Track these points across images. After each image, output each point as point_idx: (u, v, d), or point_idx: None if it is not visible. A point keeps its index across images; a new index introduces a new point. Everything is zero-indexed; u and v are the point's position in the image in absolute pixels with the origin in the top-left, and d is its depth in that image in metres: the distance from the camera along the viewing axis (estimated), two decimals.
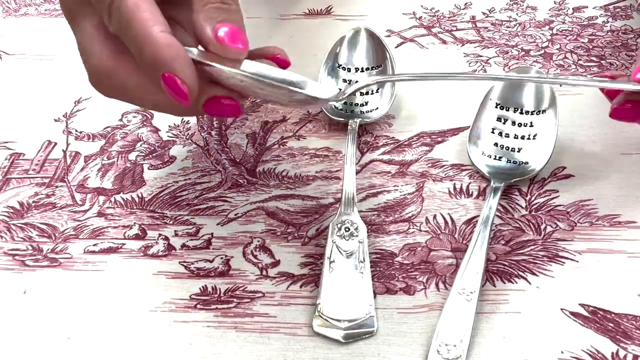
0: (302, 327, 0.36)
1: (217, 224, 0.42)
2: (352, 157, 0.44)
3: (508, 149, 0.44)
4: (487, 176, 0.43)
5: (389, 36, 0.56)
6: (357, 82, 0.38)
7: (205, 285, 0.39)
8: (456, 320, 0.35)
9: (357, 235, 0.40)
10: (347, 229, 0.40)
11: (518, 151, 0.44)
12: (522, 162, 0.44)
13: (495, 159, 0.44)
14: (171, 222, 0.42)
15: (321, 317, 0.36)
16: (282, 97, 0.35)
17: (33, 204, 0.44)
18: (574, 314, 0.36)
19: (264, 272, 0.39)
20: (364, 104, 0.48)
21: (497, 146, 0.44)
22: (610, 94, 0.39)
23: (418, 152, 0.46)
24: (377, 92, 0.49)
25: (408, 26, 0.58)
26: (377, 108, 0.48)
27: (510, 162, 0.44)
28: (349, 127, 0.46)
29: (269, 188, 0.44)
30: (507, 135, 0.44)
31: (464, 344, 0.34)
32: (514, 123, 0.44)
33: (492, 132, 0.45)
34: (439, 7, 0.59)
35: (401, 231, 0.41)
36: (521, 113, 0.44)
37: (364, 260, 0.38)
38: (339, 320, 0.36)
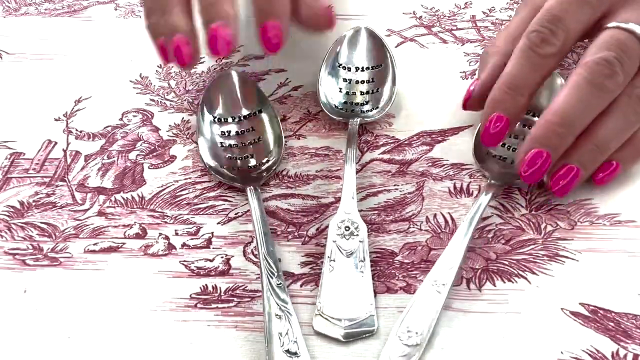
0: (302, 326, 0.36)
1: (218, 223, 0.42)
2: (352, 156, 0.44)
3: (509, 149, 0.44)
4: (488, 175, 0.43)
5: (389, 35, 0.56)
6: None
7: (206, 285, 0.39)
8: (423, 310, 0.35)
9: (357, 235, 0.40)
10: (347, 228, 0.40)
11: None
12: None
13: (499, 158, 0.44)
14: (171, 222, 0.42)
15: (321, 316, 0.36)
16: None
17: (33, 204, 0.44)
18: (574, 313, 0.36)
19: None
20: (364, 103, 0.48)
21: (503, 146, 0.44)
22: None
23: (418, 152, 0.46)
24: (377, 91, 0.49)
25: (408, 25, 0.58)
26: (378, 107, 0.48)
27: (511, 162, 0.44)
28: (349, 126, 0.46)
29: (269, 187, 0.44)
30: (508, 135, 0.44)
31: (426, 334, 0.35)
32: None
33: None
34: (439, 6, 0.59)
35: (401, 230, 0.41)
36: None
37: (364, 259, 0.38)
38: (339, 319, 0.36)
